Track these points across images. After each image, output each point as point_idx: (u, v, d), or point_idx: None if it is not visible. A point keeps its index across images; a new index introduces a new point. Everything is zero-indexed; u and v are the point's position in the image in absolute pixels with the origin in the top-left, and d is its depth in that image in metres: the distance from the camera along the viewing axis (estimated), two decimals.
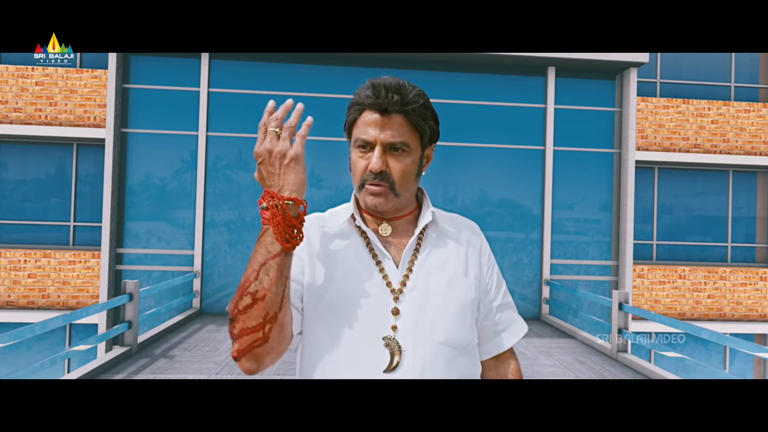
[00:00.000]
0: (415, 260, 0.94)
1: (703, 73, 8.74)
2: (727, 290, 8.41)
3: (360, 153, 0.92)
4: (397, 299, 0.91)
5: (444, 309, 0.92)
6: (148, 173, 6.34)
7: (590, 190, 6.80)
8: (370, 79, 0.92)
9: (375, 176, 0.90)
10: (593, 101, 6.84)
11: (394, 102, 0.88)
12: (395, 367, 0.87)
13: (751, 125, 8.54)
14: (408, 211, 0.99)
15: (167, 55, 6.37)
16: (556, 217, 6.72)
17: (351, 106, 0.93)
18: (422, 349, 0.89)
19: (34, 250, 7.51)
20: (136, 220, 6.35)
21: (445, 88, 6.57)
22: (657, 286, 8.30)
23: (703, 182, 8.69)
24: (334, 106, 6.57)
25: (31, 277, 7.50)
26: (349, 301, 0.91)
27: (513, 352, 1.07)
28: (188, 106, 6.42)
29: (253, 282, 0.81)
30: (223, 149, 6.46)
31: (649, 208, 8.53)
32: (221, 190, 6.42)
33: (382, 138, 0.89)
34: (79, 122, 7.56)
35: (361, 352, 0.88)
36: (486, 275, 1.02)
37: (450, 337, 0.91)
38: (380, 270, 0.92)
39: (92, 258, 7.53)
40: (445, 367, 0.90)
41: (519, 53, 6.35)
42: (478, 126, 6.70)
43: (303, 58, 6.52)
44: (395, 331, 0.89)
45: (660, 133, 8.38)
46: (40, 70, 7.53)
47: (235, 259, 6.39)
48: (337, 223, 0.98)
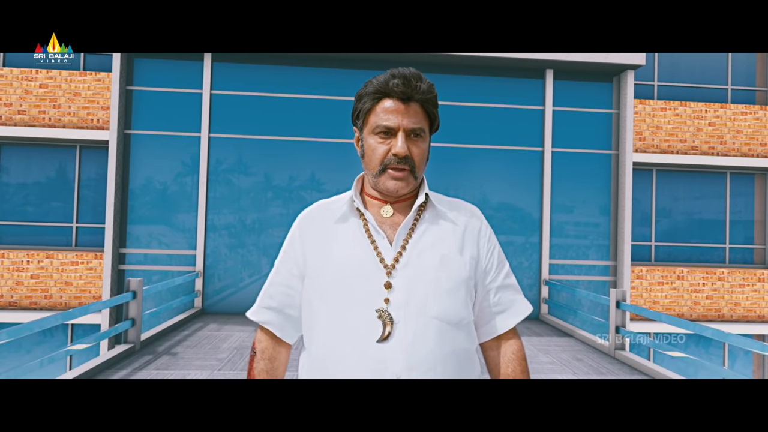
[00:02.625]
0: (409, 239, 0.99)
1: (700, 75, 8.83)
2: (726, 291, 8.46)
3: (380, 139, 0.97)
4: (389, 274, 0.96)
5: (436, 284, 0.96)
6: (149, 177, 6.40)
7: (589, 192, 6.86)
8: (391, 69, 0.98)
9: (399, 160, 0.96)
10: (591, 103, 6.92)
11: (420, 91, 0.96)
12: (387, 337, 0.92)
13: (748, 127, 8.62)
14: (410, 194, 1.04)
15: (170, 58, 6.45)
16: (556, 221, 6.78)
17: (366, 94, 0.99)
18: (414, 321, 0.93)
19: (36, 251, 7.56)
20: (138, 223, 6.41)
21: (445, 90, 6.65)
22: (656, 287, 8.35)
23: (701, 184, 8.75)
24: (334, 108, 6.64)
25: (33, 277, 7.55)
26: (345, 278, 0.96)
27: (516, 333, 1.08)
28: (191, 107, 6.49)
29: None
30: (224, 152, 6.52)
31: (647, 211, 8.59)
32: (221, 194, 6.48)
33: (405, 124, 0.96)
34: (82, 124, 7.64)
35: (355, 324, 0.93)
36: (485, 257, 1.05)
37: (442, 311, 0.95)
38: (374, 248, 0.98)
39: (95, 259, 7.58)
40: (436, 340, 0.94)
41: (517, 55, 6.43)
42: (477, 128, 6.77)
43: (303, 60, 6.60)
44: (388, 304, 0.94)
45: (657, 135, 8.46)
46: (44, 73, 7.61)
47: (235, 262, 6.44)
48: (338, 207, 1.05)
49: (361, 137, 1.02)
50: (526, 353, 1.10)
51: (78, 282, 7.58)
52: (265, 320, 1.07)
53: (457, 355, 0.97)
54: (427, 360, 0.93)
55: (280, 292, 1.06)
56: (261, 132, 6.59)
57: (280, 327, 1.06)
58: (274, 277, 1.08)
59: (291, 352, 1.17)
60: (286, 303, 1.06)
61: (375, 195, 1.04)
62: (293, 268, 1.05)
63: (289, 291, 1.05)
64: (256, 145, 6.56)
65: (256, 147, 6.57)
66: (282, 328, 1.07)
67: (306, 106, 6.63)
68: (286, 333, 1.07)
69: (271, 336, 1.07)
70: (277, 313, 1.06)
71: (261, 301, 1.09)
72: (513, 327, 1.08)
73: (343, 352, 0.94)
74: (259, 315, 1.08)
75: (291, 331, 1.08)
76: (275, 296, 1.07)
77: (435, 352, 0.93)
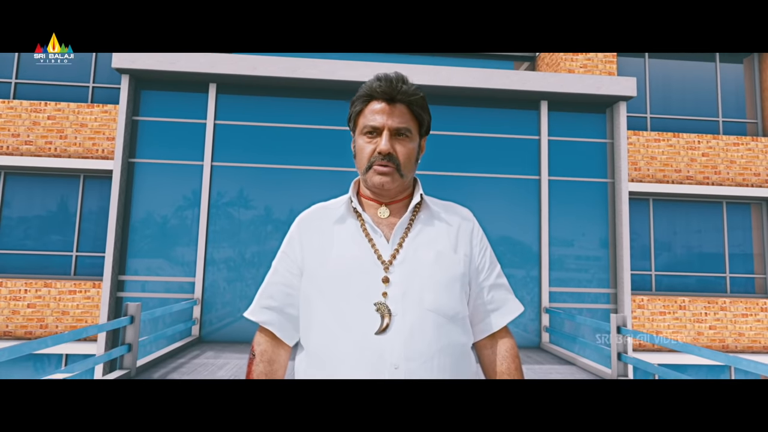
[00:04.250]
0: (405, 237, 1.03)
1: (691, 108, 9.06)
2: (729, 321, 8.37)
3: (368, 138, 1.03)
4: (387, 269, 0.99)
5: (432, 279, 1.00)
6: (150, 210, 6.46)
7: (588, 223, 6.91)
8: (377, 74, 1.05)
9: (383, 158, 1.01)
10: (585, 133, 7.08)
11: (401, 91, 1.02)
12: (385, 329, 0.94)
13: (741, 158, 8.77)
14: (404, 195, 1.09)
15: (176, 90, 6.65)
16: (556, 254, 6.80)
17: (357, 98, 1.05)
18: (411, 314, 0.96)
19: (35, 280, 7.54)
20: (137, 256, 6.42)
21: (443, 121, 6.82)
22: (657, 317, 8.27)
23: (698, 214, 8.82)
24: (333, 138, 6.80)
25: (30, 306, 7.49)
26: (344, 274, 0.99)
27: (508, 331, 1.11)
28: (195, 137, 6.64)
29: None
30: (226, 184, 6.61)
31: (646, 244, 8.62)
32: (222, 227, 6.51)
33: (389, 124, 1.01)
34: (87, 154, 7.78)
35: (354, 317, 0.95)
36: (477, 256, 1.09)
37: (438, 305, 0.98)
38: (372, 245, 1.01)
39: (92, 288, 7.55)
40: (433, 332, 0.96)
41: (512, 87, 6.63)
42: (475, 156, 6.90)
43: (305, 92, 6.81)
44: (386, 298, 0.96)
45: (652, 165, 8.60)
46: (52, 105, 7.82)
47: (233, 296, 6.41)
48: (336, 209, 1.09)
49: (354, 139, 1.08)
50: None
51: (75, 311, 7.52)
52: (264, 320, 1.07)
53: (454, 349, 0.99)
54: (425, 351, 0.94)
55: (279, 291, 1.07)
56: (262, 160, 6.71)
57: (281, 327, 1.07)
58: (272, 278, 1.09)
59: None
60: (287, 302, 1.07)
61: (370, 196, 1.08)
62: (292, 266, 1.07)
63: (288, 290, 1.06)
64: (258, 174, 6.67)
65: (257, 177, 6.67)
66: (282, 328, 1.07)
67: (306, 136, 6.79)
68: (286, 333, 1.07)
69: (270, 338, 1.08)
70: (278, 312, 1.07)
71: (260, 302, 1.09)
72: (506, 326, 1.10)
73: (342, 345, 0.95)
74: (258, 315, 1.08)
75: (291, 332, 1.08)
76: (275, 295, 1.07)
77: (432, 344, 0.95)
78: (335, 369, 0.94)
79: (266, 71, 6.41)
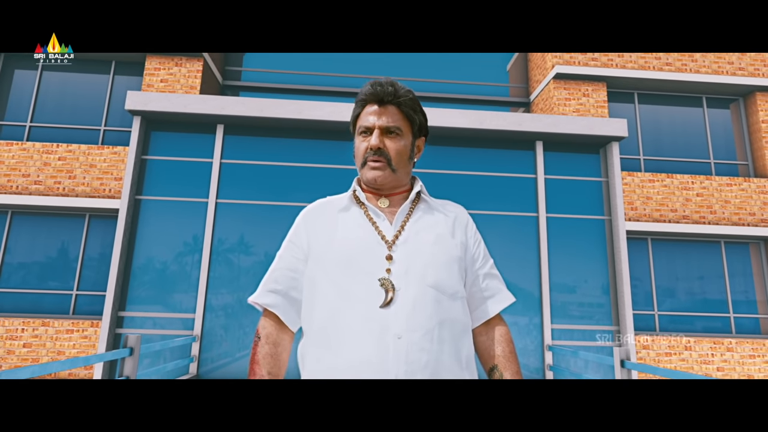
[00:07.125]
0: (407, 221, 1.12)
1: (683, 150, 9.33)
2: (736, 362, 8.20)
3: (362, 138, 1.15)
4: (390, 248, 1.07)
5: (433, 258, 1.07)
6: (151, 256, 6.51)
7: (587, 261, 6.95)
8: (370, 81, 1.18)
9: (374, 153, 1.11)
10: (581, 172, 7.27)
11: (388, 93, 1.13)
12: (390, 302, 1.00)
13: (735, 197, 8.93)
14: (403, 190, 1.19)
15: (185, 131, 6.91)
16: (558, 301, 6.78)
17: (355, 104, 1.18)
18: (413, 289, 1.02)
19: (33, 319, 7.48)
20: (136, 303, 6.42)
21: (442, 160, 7.03)
22: (663, 358, 8.11)
23: (698, 254, 8.86)
24: (336, 177, 6.98)
25: (26, 346, 7.38)
26: (349, 254, 1.06)
27: (501, 318, 1.18)
28: (201, 175, 6.83)
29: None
30: (227, 230, 6.67)
31: (648, 289, 8.60)
32: (221, 274, 6.52)
33: (379, 123, 1.12)
34: (94, 193, 7.95)
35: (359, 292, 1.02)
36: (473, 245, 1.18)
37: (438, 281, 1.05)
38: (375, 227, 1.10)
39: (90, 327, 7.47)
40: (433, 307, 1.02)
41: (508, 128, 6.89)
42: (474, 194, 7.06)
43: (307, 134, 7.07)
44: (389, 274, 1.03)
45: (649, 205, 8.74)
46: (64, 147, 8.08)
47: (231, 345, 6.35)
48: (340, 200, 1.18)
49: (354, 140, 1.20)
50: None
51: (71, 351, 7.40)
52: (269, 303, 1.12)
53: (453, 324, 1.05)
54: (425, 323, 1.00)
55: (284, 275, 1.13)
56: (265, 197, 6.86)
57: (285, 310, 1.12)
58: (277, 264, 1.15)
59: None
60: (291, 285, 1.12)
61: (369, 189, 1.17)
62: (298, 252, 1.14)
63: (293, 274, 1.13)
64: (260, 212, 6.79)
65: (259, 214, 6.78)
66: (286, 312, 1.12)
67: (306, 174, 6.98)
68: (289, 318, 1.12)
69: (275, 321, 1.12)
70: (282, 296, 1.12)
71: (265, 286, 1.14)
72: (499, 313, 1.17)
73: (348, 318, 1.00)
74: (263, 298, 1.13)
75: (294, 317, 1.13)
76: (280, 279, 1.13)
77: (432, 317, 1.01)
78: (340, 342, 0.99)
79: (273, 113, 6.69)
